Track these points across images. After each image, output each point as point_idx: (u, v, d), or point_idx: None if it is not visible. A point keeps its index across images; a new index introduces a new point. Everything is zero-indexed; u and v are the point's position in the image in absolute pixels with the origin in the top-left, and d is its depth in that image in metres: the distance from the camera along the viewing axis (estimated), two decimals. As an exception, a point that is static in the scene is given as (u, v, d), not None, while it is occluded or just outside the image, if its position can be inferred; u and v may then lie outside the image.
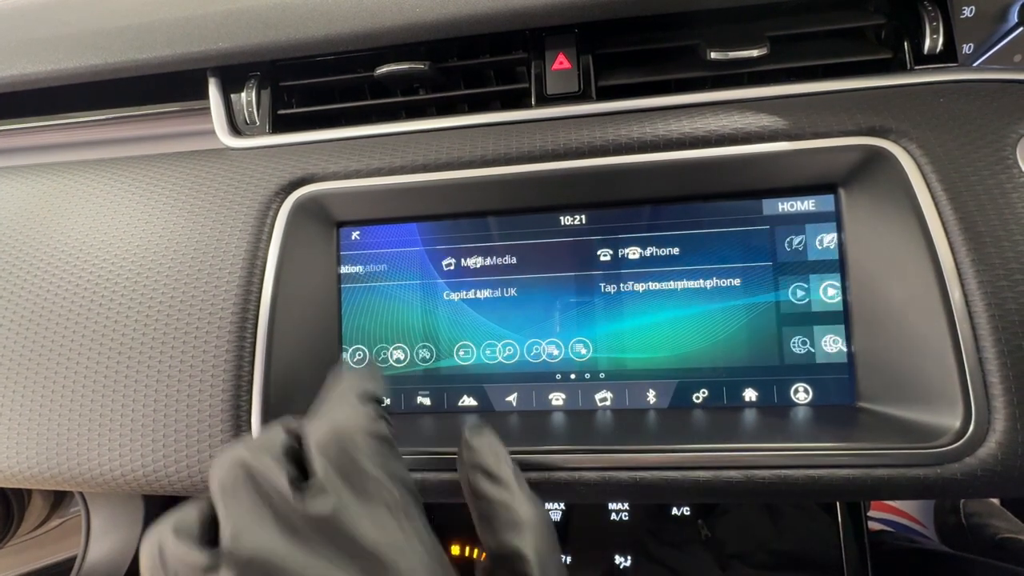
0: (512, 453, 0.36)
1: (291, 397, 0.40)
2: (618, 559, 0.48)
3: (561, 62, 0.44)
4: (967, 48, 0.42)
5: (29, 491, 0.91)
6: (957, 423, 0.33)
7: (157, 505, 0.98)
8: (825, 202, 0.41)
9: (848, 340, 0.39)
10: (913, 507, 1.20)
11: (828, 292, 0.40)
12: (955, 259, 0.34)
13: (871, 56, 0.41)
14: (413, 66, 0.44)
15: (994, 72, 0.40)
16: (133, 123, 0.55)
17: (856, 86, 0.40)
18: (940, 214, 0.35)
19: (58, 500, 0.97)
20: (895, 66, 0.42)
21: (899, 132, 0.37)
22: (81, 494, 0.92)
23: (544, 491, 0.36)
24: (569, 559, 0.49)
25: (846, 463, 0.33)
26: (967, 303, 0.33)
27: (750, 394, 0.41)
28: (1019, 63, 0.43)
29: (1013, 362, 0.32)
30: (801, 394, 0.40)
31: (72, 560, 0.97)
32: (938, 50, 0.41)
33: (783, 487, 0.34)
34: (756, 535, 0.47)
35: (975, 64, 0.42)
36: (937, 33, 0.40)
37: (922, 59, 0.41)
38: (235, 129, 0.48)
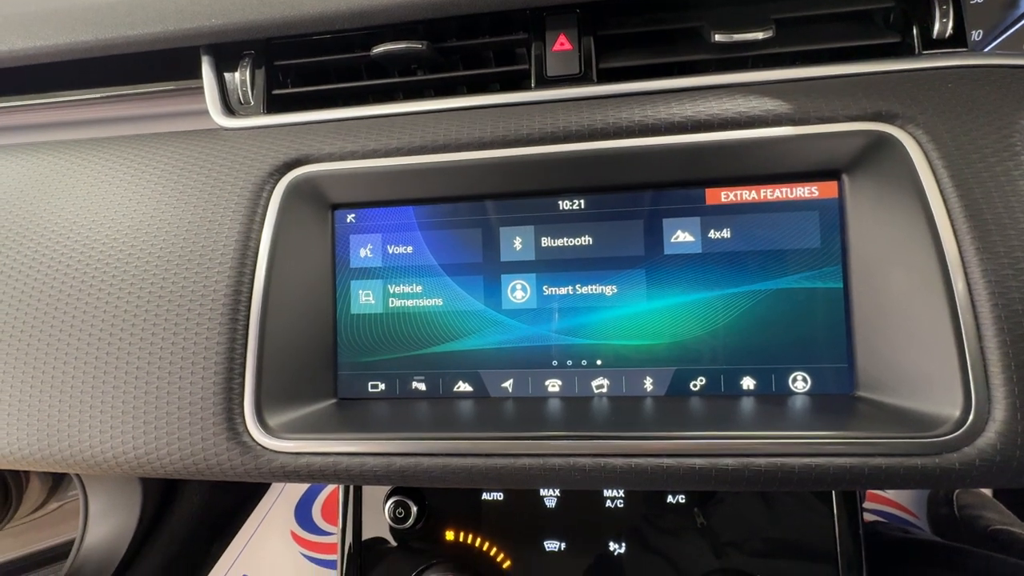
0: (506, 439, 0.36)
1: (284, 379, 0.40)
2: (612, 546, 0.48)
3: (562, 43, 0.43)
4: (976, 34, 0.41)
5: (27, 475, 0.91)
6: (957, 413, 0.32)
7: (155, 489, 0.99)
8: (828, 189, 0.40)
9: (848, 328, 0.39)
10: (906, 498, 1.21)
11: (827, 280, 0.40)
12: (959, 247, 0.33)
13: (878, 40, 0.41)
14: (411, 46, 0.43)
15: (1004, 58, 0.39)
16: (126, 102, 0.54)
17: (862, 70, 0.39)
18: (945, 201, 0.34)
19: (56, 484, 0.97)
20: (903, 50, 0.41)
21: (906, 117, 0.36)
22: (79, 478, 0.92)
23: (539, 477, 0.36)
24: (563, 546, 0.49)
25: (844, 452, 0.33)
26: (970, 292, 0.33)
27: (748, 382, 0.40)
28: (1030, 49, 0.42)
29: (1015, 352, 0.31)
30: (800, 383, 0.40)
31: (70, 543, 0.98)
32: (947, 35, 0.40)
33: (780, 475, 0.33)
34: (751, 524, 0.47)
35: (985, 50, 0.41)
36: (947, 17, 0.40)
37: (930, 44, 0.40)
38: (229, 109, 0.48)
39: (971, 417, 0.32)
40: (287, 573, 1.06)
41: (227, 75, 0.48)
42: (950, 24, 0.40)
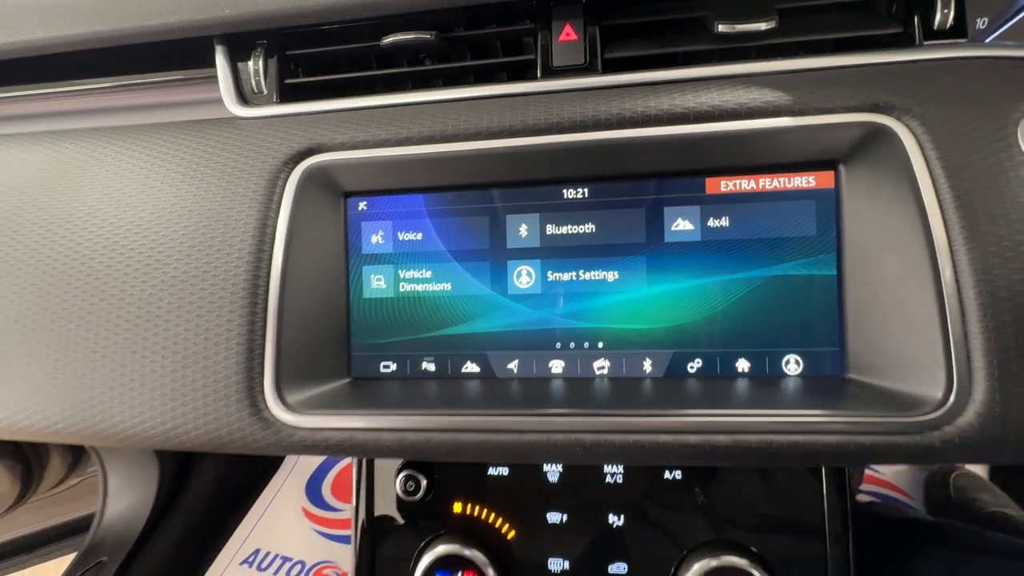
0: (512, 416, 0.38)
1: (301, 359, 0.42)
2: (611, 518, 0.51)
3: (568, 33, 0.44)
4: (981, 23, 0.42)
5: (47, 451, 0.94)
6: (939, 394, 0.34)
7: (171, 466, 1.03)
8: (825, 178, 0.41)
9: (841, 314, 0.41)
10: (902, 481, 1.23)
11: (821, 267, 0.41)
12: (948, 237, 0.35)
13: (880, 31, 0.41)
14: (419, 36, 0.44)
15: (1002, 49, 0.39)
16: (142, 91, 0.56)
17: (862, 62, 0.40)
18: (937, 192, 0.35)
19: (75, 460, 1.01)
20: (904, 41, 0.41)
21: (903, 109, 0.37)
22: (98, 454, 0.96)
23: (543, 453, 0.38)
24: (565, 518, 0.51)
25: (831, 430, 0.35)
26: (957, 280, 0.34)
27: (743, 365, 0.42)
28: (1033, 38, 0.42)
29: (997, 337, 0.33)
30: (792, 365, 0.42)
31: (90, 517, 1.02)
32: (948, 25, 0.40)
33: (769, 451, 0.35)
34: (744, 500, 0.49)
35: (988, 39, 0.41)
36: (948, 7, 0.40)
37: (931, 34, 0.41)
38: (243, 98, 0.49)
39: (952, 398, 0.33)
40: (298, 546, 1.09)
41: (240, 65, 0.49)
42: (951, 15, 0.40)
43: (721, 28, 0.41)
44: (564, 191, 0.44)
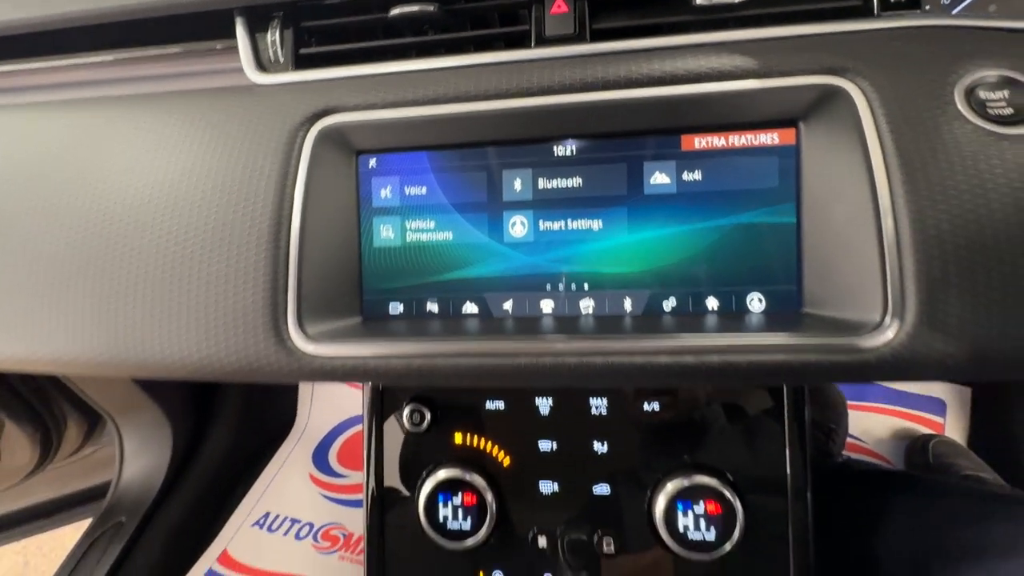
0: (506, 342, 0.43)
1: (319, 298, 0.47)
2: (596, 445, 0.56)
3: (559, 6, 0.48)
4: (945, -4, 0.46)
5: (65, 418, 1.00)
6: (877, 318, 0.39)
7: (184, 432, 1.09)
8: (787, 135, 0.46)
9: (798, 256, 0.45)
10: (885, 449, 1.30)
11: (782, 215, 0.46)
12: (890, 185, 0.40)
13: (843, 3, 0.46)
14: (423, 8, 0.49)
15: (947, 19, 0.44)
16: (160, 62, 0.60)
17: (822, 31, 0.45)
18: (882, 145, 0.40)
19: (91, 428, 1.07)
20: (863, 12, 0.46)
21: (854, 72, 0.42)
22: (114, 421, 1.02)
23: (533, 374, 0.43)
24: (555, 446, 0.57)
25: (783, 351, 0.40)
26: (896, 223, 0.39)
27: (712, 302, 0.47)
28: (993, 12, 0.46)
29: (927, 270, 0.38)
30: (755, 303, 0.47)
31: (106, 485, 1.08)
32: None
33: (729, 370, 0.41)
34: (714, 429, 0.55)
35: (954, 11, 0.46)
36: None
37: (889, 6, 0.46)
38: (260, 67, 0.53)
39: (887, 320, 0.39)
40: (306, 509, 1.15)
41: (258, 35, 0.53)
42: None
43: (699, 1, 0.46)
44: (554, 148, 0.49)
